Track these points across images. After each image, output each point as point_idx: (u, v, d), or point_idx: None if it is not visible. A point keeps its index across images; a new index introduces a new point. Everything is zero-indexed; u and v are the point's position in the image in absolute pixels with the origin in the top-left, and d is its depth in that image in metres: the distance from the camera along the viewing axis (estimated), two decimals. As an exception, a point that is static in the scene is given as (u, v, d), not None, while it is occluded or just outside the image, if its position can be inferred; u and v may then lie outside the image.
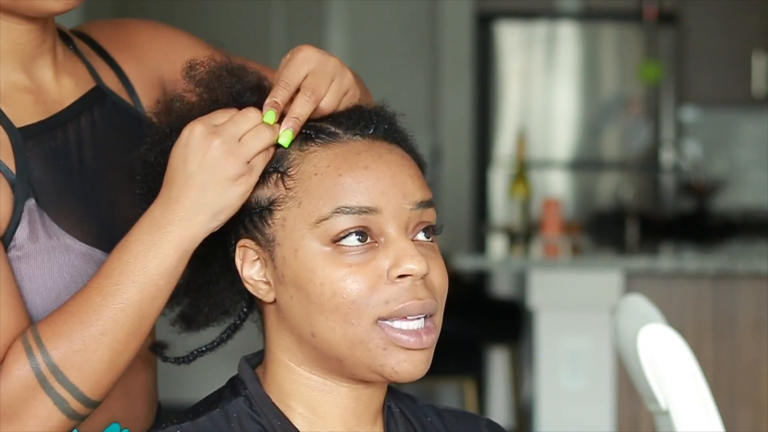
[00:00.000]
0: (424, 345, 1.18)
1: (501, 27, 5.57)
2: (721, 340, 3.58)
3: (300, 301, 1.19)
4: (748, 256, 3.68)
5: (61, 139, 1.31)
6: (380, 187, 1.19)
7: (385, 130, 1.24)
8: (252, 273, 1.23)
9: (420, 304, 1.18)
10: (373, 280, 1.17)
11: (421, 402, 1.34)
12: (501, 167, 5.54)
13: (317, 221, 1.18)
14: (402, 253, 1.18)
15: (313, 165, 1.20)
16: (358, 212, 1.17)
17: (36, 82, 1.31)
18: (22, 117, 1.28)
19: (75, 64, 1.37)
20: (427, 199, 1.22)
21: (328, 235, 1.17)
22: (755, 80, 5.56)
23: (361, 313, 1.17)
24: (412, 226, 1.20)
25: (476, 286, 5.17)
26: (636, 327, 1.84)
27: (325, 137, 1.21)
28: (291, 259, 1.19)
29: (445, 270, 1.23)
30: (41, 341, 1.20)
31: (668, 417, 1.80)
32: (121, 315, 1.21)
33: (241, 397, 1.23)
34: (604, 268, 3.54)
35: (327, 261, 1.17)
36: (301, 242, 1.18)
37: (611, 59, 5.70)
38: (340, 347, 1.18)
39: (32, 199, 1.26)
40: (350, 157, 1.20)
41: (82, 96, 1.35)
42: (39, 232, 1.26)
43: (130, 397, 1.37)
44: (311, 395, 1.23)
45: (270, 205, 1.21)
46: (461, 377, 4.33)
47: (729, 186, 5.71)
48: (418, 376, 1.20)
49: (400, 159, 1.22)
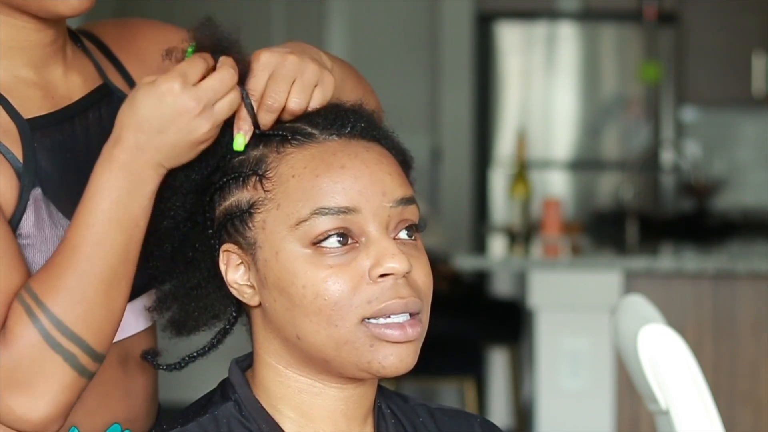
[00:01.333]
0: (409, 338, 1.18)
1: (501, 27, 5.57)
2: (721, 340, 3.58)
3: (283, 304, 1.19)
4: (748, 256, 3.68)
5: (69, 132, 1.32)
6: (358, 186, 1.18)
7: (362, 128, 1.23)
8: (236, 277, 1.23)
9: (402, 303, 1.17)
10: (355, 280, 1.17)
11: (414, 401, 1.33)
12: (501, 167, 5.54)
13: (296, 223, 1.18)
14: (383, 252, 1.17)
15: (290, 167, 1.19)
16: (337, 213, 1.17)
17: (45, 78, 1.32)
18: (30, 109, 1.29)
19: (83, 61, 1.38)
20: (407, 196, 1.21)
21: (308, 236, 1.17)
22: (755, 80, 5.55)
23: (345, 314, 1.17)
24: (393, 225, 1.20)
25: (476, 286, 5.17)
26: (636, 327, 1.84)
27: (301, 138, 1.21)
28: (272, 261, 1.19)
29: (428, 268, 1.23)
30: (39, 299, 1.20)
31: (668, 417, 1.80)
32: (114, 260, 1.22)
33: (231, 401, 1.22)
34: (604, 268, 3.54)
35: (308, 263, 1.17)
36: (282, 244, 1.18)
37: (611, 59, 5.70)
38: (326, 348, 1.18)
39: (38, 188, 1.27)
40: (326, 157, 1.19)
41: (90, 92, 1.36)
42: (45, 221, 1.27)
43: (131, 397, 1.37)
44: (300, 398, 1.23)
45: (250, 208, 1.20)
46: (461, 377, 4.33)
47: (729, 186, 5.71)
48: (405, 370, 1.19)
49: (377, 156, 1.21)
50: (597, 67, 5.67)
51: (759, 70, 5.54)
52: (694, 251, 4.17)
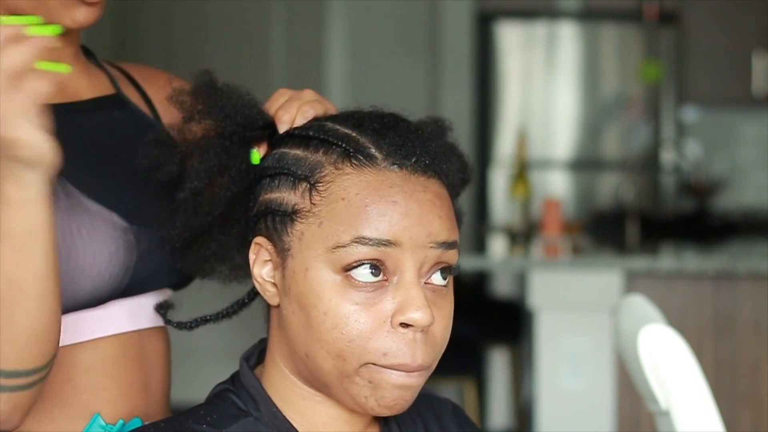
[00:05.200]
0: (410, 384, 1.17)
1: (501, 27, 5.57)
2: (721, 340, 3.58)
3: (301, 320, 1.18)
4: (748, 256, 3.67)
5: (77, 124, 1.35)
6: (405, 223, 1.16)
7: (425, 164, 1.20)
8: (263, 272, 1.22)
9: (415, 366, 1.17)
10: (377, 323, 1.16)
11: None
12: (501, 167, 5.54)
13: (334, 247, 1.16)
14: (410, 301, 1.16)
15: (343, 188, 1.17)
16: (377, 245, 1.15)
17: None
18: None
19: (96, 72, 1.43)
20: (451, 240, 1.19)
21: (342, 262, 1.15)
22: (755, 80, 5.55)
23: (357, 354, 1.16)
24: (428, 266, 1.18)
25: (476, 286, 5.17)
26: (636, 327, 1.84)
27: (362, 159, 1.18)
28: (300, 276, 1.18)
29: (450, 320, 1.22)
30: None
31: (668, 417, 1.79)
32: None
33: (252, 417, 1.22)
34: (604, 268, 3.53)
35: (334, 291, 1.16)
36: (314, 263, 1.17)
37: (611, 59, 5.69)
38: (329, 376, 1.18)
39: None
40: (382, 189, 1.17)
41: (100, 96, 1.40)
42: (59, 193, 1.28)
43: (150, 392, 1.38)
44: (304, 403, 1.23)
45: (293, 214, 1.19)
46: (461, 377, 4.33)
47: (729, 186, 5.71)
48: (398, 411, 1.19)
49: (432, 198, 1.19)
50: (597, 66, 5.66)
51: (759, 70, 5.54)
52: (695, 251, 4.16)
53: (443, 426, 1.34)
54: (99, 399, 1.31)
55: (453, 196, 1.25)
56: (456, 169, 1.27)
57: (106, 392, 1.32)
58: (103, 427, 1.31)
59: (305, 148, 1.21)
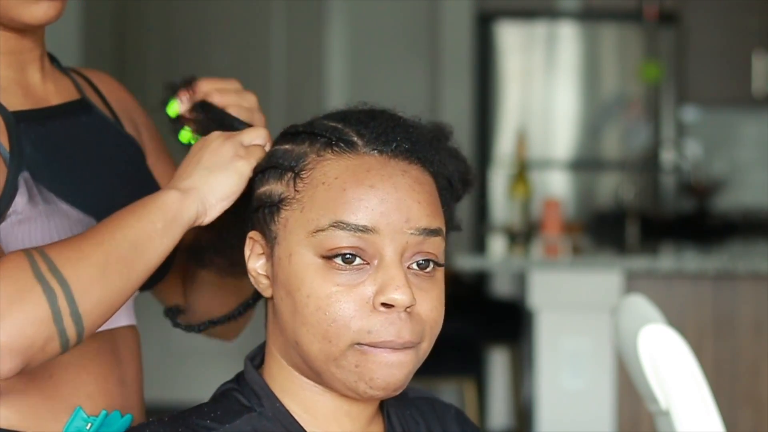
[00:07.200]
0: (399, 361, 1.17)
1: (501, 27, 5.57)
2: (721, 340, 3.58)
3: (288, 306, 1.20)
4: (748, 256, 3.67)
5: (51, 127, 1.36)
6: (382, 208, 1.17)
7: (405, 149, 1.21)
8: (257, 266, 1.24)
9: (400, 343, 1.16)
10: (359, 304, 1.16)
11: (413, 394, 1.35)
12: (501, 167, 5.54)
13: (314, 231, 1.17)
14: (389, 281, 1.16)
15: (323, 173, 1.19)
16: (355, 230, 1.16)
17: (26, 79, 1.38)
18: (13, 104, 1.34)
19: (60, 77, 1.44)
20: (432, 227, 1.19)
21: (322, 247, 1.17)
22: (755, 80, 5.55)
23: (340, 335, 1.16)
24: (409, 253, 1.18)
25: (476, 286, 5.17)
26: (636, 327, 1.84)
27: (342, 146, 1.20)
28: (285, 262, 1.20)
29: (438, 302, 1.21)
30: (41, 248, 1.20)
31: (668, 417, 1.79)
32: (130, 243, 1.23)
33: (255, 412, 1.22)
34: (604, 268, 3.53)
35: (317, 274, 1.17)
36: (296, 248, 1.19)
37: (611, 59, 5.69)
38: (317, 361, 1.19)
39: (26, 172, 1.30)
40: (359, 173, 1.18)
41: (68, 102, 1.41)
42: (37, 198, 1.30)
43: (126, 385, 1.41)
44: (304, 395, 1.23)
45: (279, 203, 1.21)
46: (461, 377, 4.33)
47: (729, 186, 5.71)
48: (393, 393, 1.19)
49: (411, 182, 1.19)
50: (597, 67, 5.66)
51: (759, 70, 5.54)
52: (695, 251, 4.16)
53: (446, 429, 1.34)
54: (79, 394, 1.33)
55: (442, 186, 1.25)
56: (457, 171, 1.28)
57: (86, 387, 1.34)
58: (85, 420, 1.33)
59: (293, 142, 1.24)
